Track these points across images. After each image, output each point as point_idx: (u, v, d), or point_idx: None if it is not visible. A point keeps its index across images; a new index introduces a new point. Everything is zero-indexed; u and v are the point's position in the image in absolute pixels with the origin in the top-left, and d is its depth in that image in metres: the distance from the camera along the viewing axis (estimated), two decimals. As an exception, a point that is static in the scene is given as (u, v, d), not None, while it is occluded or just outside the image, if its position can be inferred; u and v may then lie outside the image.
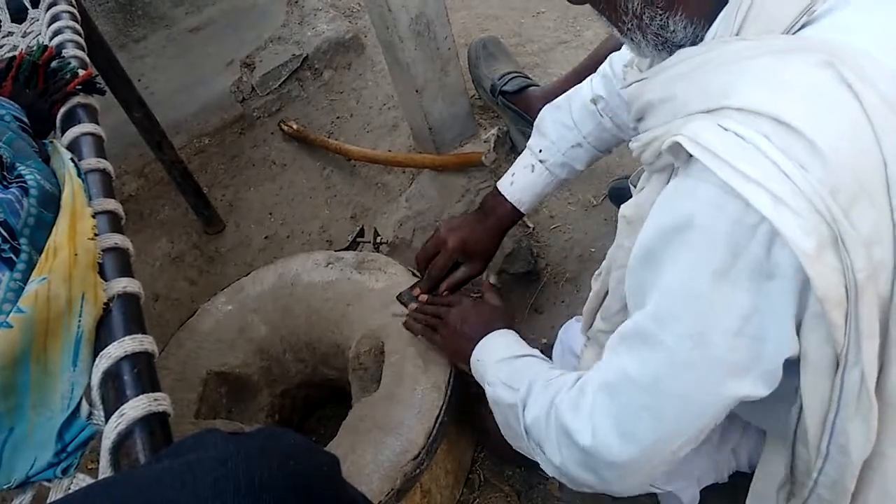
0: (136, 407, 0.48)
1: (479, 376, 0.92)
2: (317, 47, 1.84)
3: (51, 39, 0.90)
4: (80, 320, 0.53)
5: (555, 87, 1.43)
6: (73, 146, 0.72)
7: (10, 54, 0.87)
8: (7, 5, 1.05)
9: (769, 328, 0.56)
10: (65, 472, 0.50)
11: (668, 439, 0.64)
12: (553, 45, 1.78)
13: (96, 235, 0.60)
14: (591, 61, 1.41)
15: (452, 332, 0.99)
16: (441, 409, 1.00)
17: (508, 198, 1.08)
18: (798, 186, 0.50)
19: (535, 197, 1.09)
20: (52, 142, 0.71)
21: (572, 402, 0.70)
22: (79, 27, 0.95)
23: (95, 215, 0.62)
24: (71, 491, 0.50)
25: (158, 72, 1.88)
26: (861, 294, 0.52)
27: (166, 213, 1.67)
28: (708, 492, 0.99)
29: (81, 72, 0.80)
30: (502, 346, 0.91)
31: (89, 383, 0.52)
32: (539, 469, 0.78)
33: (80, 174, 0.65)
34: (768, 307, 0.55)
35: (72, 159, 0.66)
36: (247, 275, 1.27)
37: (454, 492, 1.14)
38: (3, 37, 1.03)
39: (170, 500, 0.36)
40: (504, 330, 0.94)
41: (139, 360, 0.52)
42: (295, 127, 1.72)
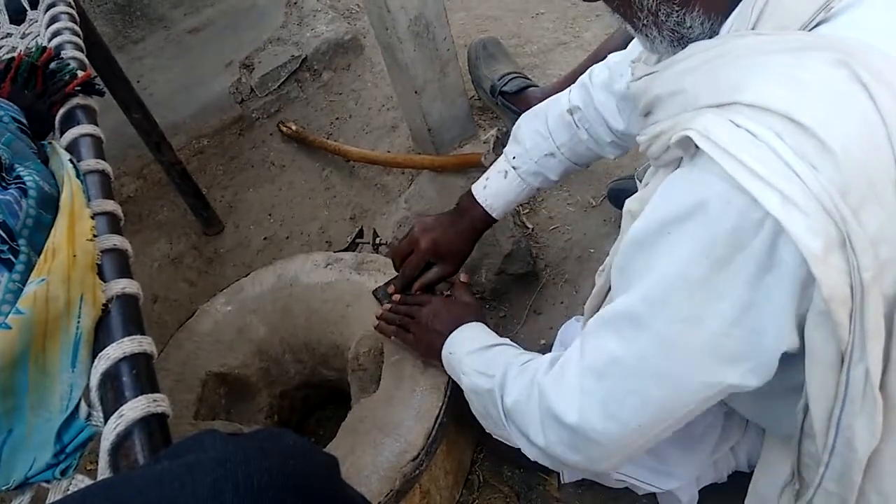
0: (134, 408, 0.48)
1: (451, 370, 0.93)
2: (316, 48, 1.84)
3: (49, 40, 0.90)
4: (78, 321, 0.53)
5: (554, 88, 1.44)
6: (72, 147, 0.72)
7: (9, 55, 0.87)
8: (6, 6, 1.05)
9: (768, 322, 0.56)
10: (63, 473, 0.50)
11: (653, 423, 0.65)
12: (552, 45, 1.78)
13: (95, 236, 0.60)
14: (590, 62, 1.40)
15: (424, 328, 1.00)
16: (440, 410, 1.00)
17: (480, 202, 1.07)
18: (808, 186, 0.50)
19: (507, 203, 1.07)
20: (50, 143, 0.70)
21: (554, 382, 0.70)
22: (77, 28, 0.95)
23: (94, 216, 0.62)
24: (70, 492, 0.50)
25: (157, 73, 1.88)
26: (866, 293, 0.52)
27: (165, 215, 1.67)
28: (707, 492, 0.99)
29: (80, 73, 0.80)
30: (473, 338, 0.92)
31: (88, 384, 0.52)
32: (539, 469, 0.78)
33: (78, 175, 0.65)
34: (768, 301, 0.55)
35: (70, 160, 0.66)
36: (246, 276, 1.27)
37: (453, 493, 1.14)
38: (1, 38, 1.03)
39: (169, 501, 0.36)
40: (473, 323, 0.95)
41: (138, 361, 0.52)
42: (294, 128, 1.72)
